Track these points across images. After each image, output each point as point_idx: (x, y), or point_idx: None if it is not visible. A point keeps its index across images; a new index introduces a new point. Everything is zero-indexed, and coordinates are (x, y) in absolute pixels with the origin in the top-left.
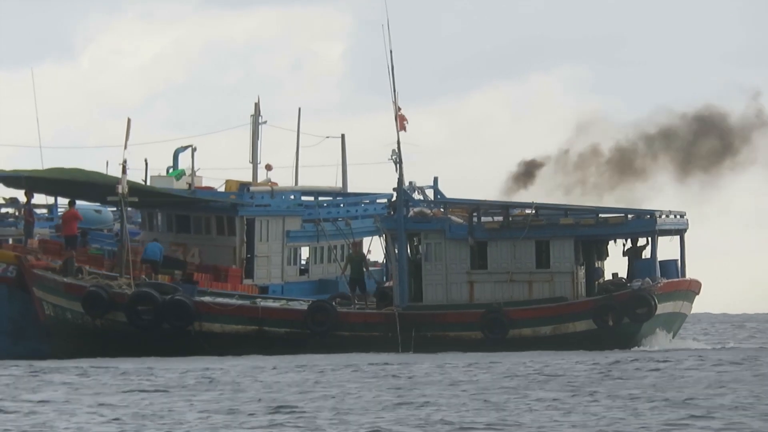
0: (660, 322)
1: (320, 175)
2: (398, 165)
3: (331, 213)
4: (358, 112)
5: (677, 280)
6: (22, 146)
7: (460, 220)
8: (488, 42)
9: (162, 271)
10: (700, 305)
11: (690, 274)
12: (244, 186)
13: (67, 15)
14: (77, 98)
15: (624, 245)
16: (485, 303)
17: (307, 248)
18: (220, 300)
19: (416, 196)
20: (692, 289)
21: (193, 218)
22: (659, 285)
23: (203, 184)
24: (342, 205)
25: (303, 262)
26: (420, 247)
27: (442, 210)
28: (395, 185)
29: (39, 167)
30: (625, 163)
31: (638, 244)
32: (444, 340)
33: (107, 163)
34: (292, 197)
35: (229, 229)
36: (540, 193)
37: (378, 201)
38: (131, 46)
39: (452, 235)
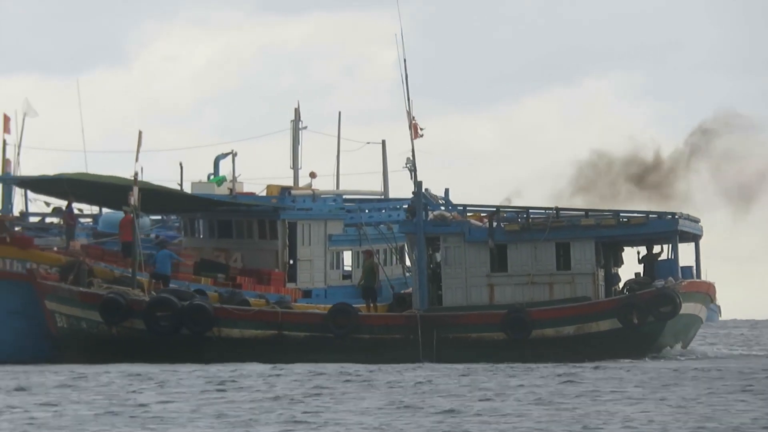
0: (682, 323)
1: (362, 181)
2: (413, 173)
3: (373, 217)
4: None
5: (698, 280)
6: (70, 150)
7: (479, 224)
8: (542, 48)
9: (204, 274)
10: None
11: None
12: (285, 190)
13: (120, 21)
14: (128, 104)
15: (639, 253)
16: (507, 304)
17: (350, 252)
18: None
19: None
20: (710, 293)
21: (234, 223)
22: (683, 284)
23: (244, 190)
24: (384, 210)
25: (346, 267)
26: (437, 253)
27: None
28: (422, 190)
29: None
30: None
31: (654, 251)
32: (465, 342)
33: (141, 169)
34: (334, 201)
35: (271, 233)
36: (593, 199)
37: None
38: (184, 52)
39: (472, 238)
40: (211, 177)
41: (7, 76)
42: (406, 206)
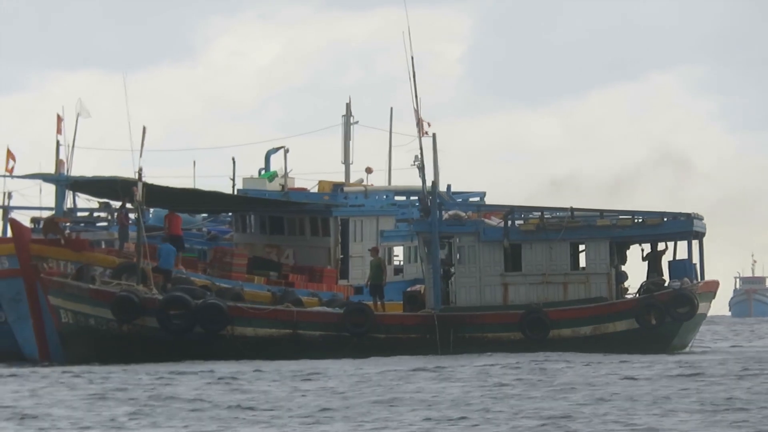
0: (694, 322)
1: (414, 175)
2: (421, 170)
3: None
4: (466, 113)
5: (711, 280)
6: (125, 150)
7: (494, 223)
8: (607, 42)
9: (257, 273)
10: None
11: None
12: (337, 186)
13: (188, 17)
14: (193, 100)
15: (642, 250)
16: (524, 304)
17: (401, 248)
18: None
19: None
20: (714, 290)
21: (286, 219)
22: (699, 285)
23: (296, 185)
24: None
25: (398, 262)
26: (451, 252)
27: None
28: (442, 188)
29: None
30: None
31: (658, 249)
32: (482, 341)
33: (194, 163)
34: (386, 197)
35: (323, 229)
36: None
37: (471, 200)
38: (250, 48)
39: (486, 237)
40: (262, 172)
41: (70, 73)
42: (471, 200)
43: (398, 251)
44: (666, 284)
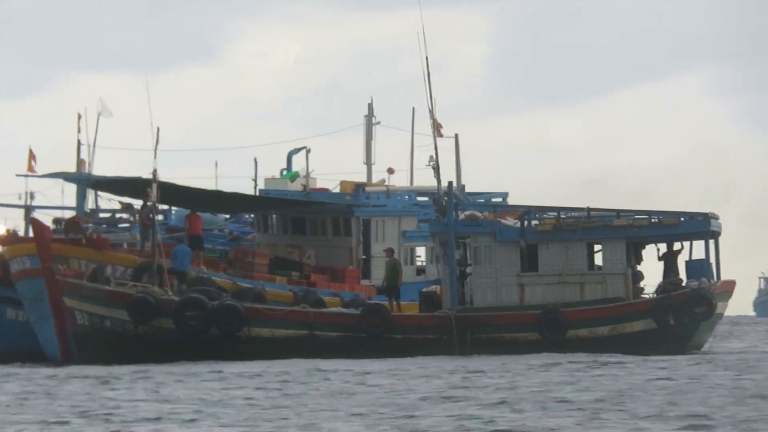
0: (713, 322)
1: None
2: (436, 171)
3: None
4: (490, 113)
5: (729, 280)
6: (142, 150)
7: (510, 223)
8: (634, 42)
9: (279, 273)
10: None
11: None
12: (359, 187)
13: (211, 18)
14: (216, 100)
15: (659, 250)
16: (541, 304)
17: (424, 248)
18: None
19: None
20: (731, 290)
21: (308, 220)
22: (717, 285)
23: (318, 186)
24: None
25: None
26: (466, 253)
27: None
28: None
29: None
30: None
31: (674, 248)
32: (499, 342)
33: (216, 163)
34: (408, 197)
35: (345, 229)
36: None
37: (493, 200)
38: (273, 48)
39: (502, 237)
40: (284, 173)
41: (94, 75)
42: (494, 200)
43: (420, 251)
44: (683, 284)
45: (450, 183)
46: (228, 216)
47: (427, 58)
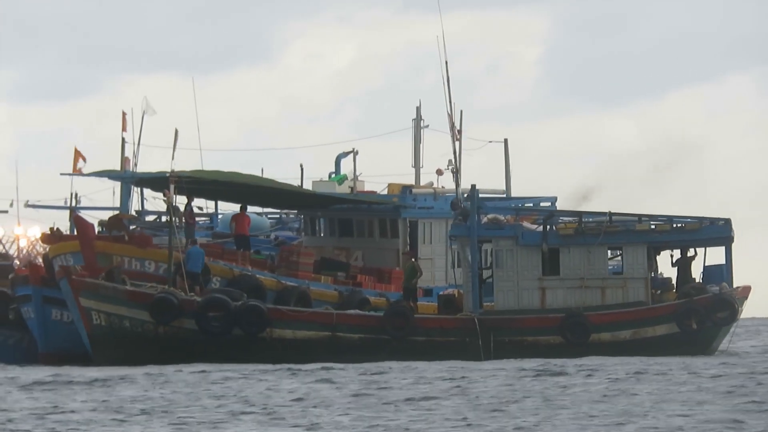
0: (734, 326)
1: (484, 179)
2: (455, 174)
3: None
4: (542, 115)
5: (745, 285)
6: (197, 149)
7: (532, 227)
8: (685, 42)
9: (324, 273)
10: None
11: None
12: (406, 188)
13: (265, 19)
14: (269, 102)
15: (672, 256)
16: (564, 308)
17: None
18: None
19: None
20: (747, 295)
21: (355, 221)
22: (739, 290)
23: (365, 188)
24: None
25: None
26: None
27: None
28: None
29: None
30: None
31: (688, 254)
32: (522, 345)
33: (262, 170)
34: None
35: (392, 231)
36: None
37: (542, 204)
38: (328, 50)
39: (525, 241)
40: (332, 176)
41: (148, 75)
42: (543, 204)
43: None
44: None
45: (473, 186)
46: (276, 218)
47: (446, 62)
